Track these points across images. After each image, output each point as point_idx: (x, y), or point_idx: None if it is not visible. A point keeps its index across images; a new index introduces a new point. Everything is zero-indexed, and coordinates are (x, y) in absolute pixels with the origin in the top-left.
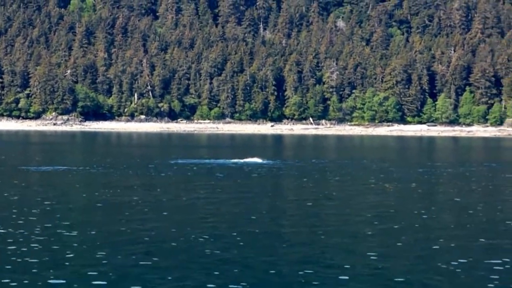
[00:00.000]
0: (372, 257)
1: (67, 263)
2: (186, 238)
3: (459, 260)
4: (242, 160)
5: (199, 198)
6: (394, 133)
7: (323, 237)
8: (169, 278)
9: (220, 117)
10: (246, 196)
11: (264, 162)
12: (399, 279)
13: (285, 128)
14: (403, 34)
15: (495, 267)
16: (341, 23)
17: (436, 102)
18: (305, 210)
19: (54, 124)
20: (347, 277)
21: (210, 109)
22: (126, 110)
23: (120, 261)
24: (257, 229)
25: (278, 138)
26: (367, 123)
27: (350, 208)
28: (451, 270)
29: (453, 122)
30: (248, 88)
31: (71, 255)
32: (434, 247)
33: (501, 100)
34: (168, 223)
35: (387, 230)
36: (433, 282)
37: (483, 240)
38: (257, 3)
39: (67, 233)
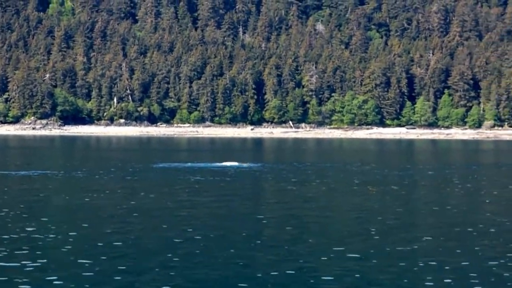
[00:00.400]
0: (352, 259)
1: (45, 266)
2: (168, 241)
3: (440, 261)
4: (223, 164)
5: (182, 201)
6: (373, 136)
7: (305, 238)
8: (147, 280)
9: (200, 120)
10: (230, 199)
11: (246, 165)
12: (376, 281)
13: (265, 132)
14: (382, 37)
15: (476, 267)
16: (320, 27)
17: (415, 105)
18: (287, 213)
19: (33, 129)
20: (326, 279)
21: (190, 112)
22: (105, 114)
23: (99, 264)
24: (238, 231)
25: (258, 141)
26: (346, 126)
27: (333, 211)
28: (432, 271)
29: (432, 124)
30: (228, 91)
31: (49, 258)
32: (415, 247)
33: (479, 102)
34: (150, 226)
35: (371, 231)
36: (414, 284)
37: (464, 241)
38: (237, 7)
39: (46, 236)
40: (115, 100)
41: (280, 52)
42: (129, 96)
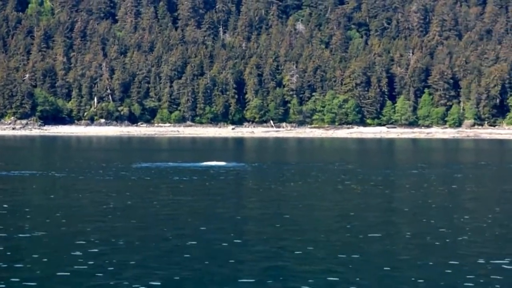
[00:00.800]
0: (337, 259)
1: (21, 267)
2: (146, 240)
3: (424, 261)
4: (206, 163)
5: (164, 200)
6: (354, 135)
7: (288, 237)
8: (124, 278)
9: (181, 120)
10: (214, 199)
11: (230, 164)
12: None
13: (246, 131)
14: (362, 37)
15: (458, 264)
16: (300, 26)
17: (395, 104)
18: (271, 212)
19: (13, 129)
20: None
21: (171, 112)
22: (85, 114)
23: (75, 263)
24: (223, 230)
25: (240, 141)
26: (327, 125)
27: (317, 209)
28: (417, 272)
29: (412, 124)
30: (209, 91)
31: (25, 258)
32: (400, 245)
33: (459, 102)
34: (131, 226)
35: (359, 231)
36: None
37: (447, 239)
38: (217, 7)
39: (23, 236)
40: (95, 100)
41: (260, 51)
42: (110, 96)
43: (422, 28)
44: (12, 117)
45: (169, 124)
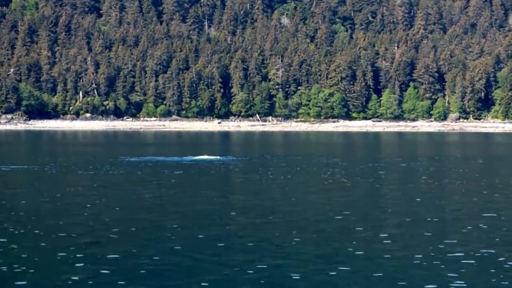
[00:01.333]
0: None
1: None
2: (133, 233)
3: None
4: (195, 157)
5: (155, 195)
6: (340, 129)
7: (279, 232)
8: (108, 272)
9: (167, 114)
10: (204, 194)
11: (219, 158)
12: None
13: (232, 125)
14: (347, 30)
15: (446, 257)
16: (285, 20)
17: (381, 98)
18: (261, 205)
19: None
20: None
21: (156, 106)
22: (71, 108)
23: (67, 254)
24: (212, 224)
25: (226, 135)
26: (313, 119)
27: (309, 203)
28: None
29: (398, 117)
30: (194, 85)
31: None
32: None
33: (444, 95)
34: (119, 218)
35: (352, 225)
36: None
37: (437, 233)
38: (202, 1)
39: (8, 230)
40: (80, 94)
41: (246, 46)
42: (95, 91)
43: (406, 22)
44: None
45: (155, 118)
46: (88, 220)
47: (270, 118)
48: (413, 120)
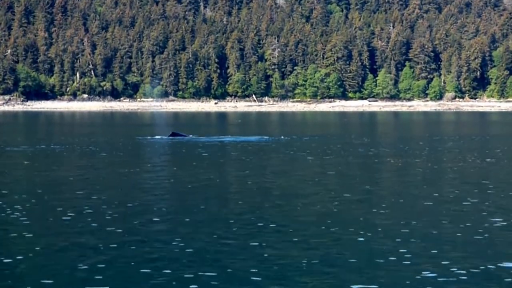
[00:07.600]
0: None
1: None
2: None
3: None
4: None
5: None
6: (336, 109)
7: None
8: (103, 257)
9: (163, 95)
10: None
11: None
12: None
13: (228, 106)
14: (342, 10)
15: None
16: (280, 1)
17: (377, 78)
18: (262, 187)
19: None
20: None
21: (153, 87)
22: (68, 89)
23: (55, 238)
24: (202, 206)
25: (223, 115)
26: (309, 99)
27: (320, 185)
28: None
29: (394, 97)
30: (191, 66)
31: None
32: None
33: (440, 74)
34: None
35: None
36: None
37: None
38: None
39: (5, 210)
40: (77, 75)
41: (242, 26)
42: (92, 71)
43: (402, 1)
44: None
45: (151, 99)
46: (85, 197)
47: (266, 98)
48: (409, 99)
